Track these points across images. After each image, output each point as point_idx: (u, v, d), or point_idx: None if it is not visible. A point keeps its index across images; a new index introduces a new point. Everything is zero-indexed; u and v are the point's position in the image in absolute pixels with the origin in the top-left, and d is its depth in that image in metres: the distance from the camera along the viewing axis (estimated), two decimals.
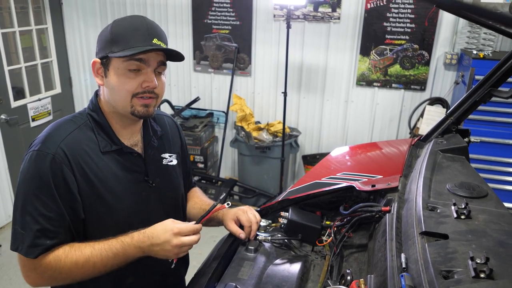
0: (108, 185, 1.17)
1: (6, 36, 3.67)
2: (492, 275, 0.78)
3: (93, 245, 1.13)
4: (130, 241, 1.13)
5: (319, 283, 1.17)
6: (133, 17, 1.15)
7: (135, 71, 1.13)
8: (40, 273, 1.12)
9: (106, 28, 1.16)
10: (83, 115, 1.22)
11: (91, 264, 1.11)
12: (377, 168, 1.81)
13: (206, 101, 4.34)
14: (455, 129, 1.73)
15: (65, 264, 1.10)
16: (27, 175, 1.10)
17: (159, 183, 1.30)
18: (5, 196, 3.72)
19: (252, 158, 3.93)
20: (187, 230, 1.12)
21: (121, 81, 1.13)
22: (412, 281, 0.84)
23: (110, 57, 1.12)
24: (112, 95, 1.17)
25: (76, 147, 1.13)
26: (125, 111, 1.18)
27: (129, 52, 1.09)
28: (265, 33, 3.93)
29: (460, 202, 1.09)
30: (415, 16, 3.48)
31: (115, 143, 1.20)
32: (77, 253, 1.11)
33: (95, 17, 4.38)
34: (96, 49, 1.18)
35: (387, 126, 3.89)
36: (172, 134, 1.42)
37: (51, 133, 1.15)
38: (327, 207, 1.54)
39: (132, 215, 1.24)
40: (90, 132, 1.18)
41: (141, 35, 1.11)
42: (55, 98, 4.25)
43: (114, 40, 1.11)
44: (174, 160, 1.39)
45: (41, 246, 1.09)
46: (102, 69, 1.16)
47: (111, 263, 1.12)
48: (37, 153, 1.10)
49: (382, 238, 1.11)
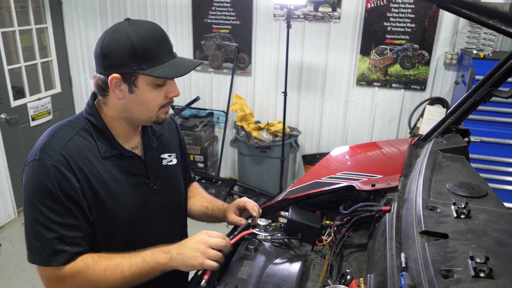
0: (110, 189, 1.16)
1: (6, 36, 3.67)
2: (491, 274, 0.78)
3: (122, 255, 1.13)
4: (159, 248, 1.14)
5: (319, 282, 1.17)
6: (148, 26, 1.10)
7: (161, 85, 1.14)
8: (68, 283, 1.09)
9: (118, 38, 1.07)
10: (80, 119, 1.18)
11: (119, 271, 1.09)
12: (377, 167, 1.81)
13: (206, 101, 4.34)
14: (455, 129, 1.73)
15: (94, 271, 1.09)
16: (31, 186, 1.07)
17: (160, 185, 1.29)
18: (5, 195, 3.72)
19: (252, 158, 3.93)
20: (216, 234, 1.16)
21: (152, 96, 1.13)
22: (412, 281, 0.84)
23: (139, 73, 1.08)
24: (138, 109, 1.15)
25: (77, 153, 1.11)
26: (148, 121, 1.20)
27: (171, 74, 1.09)
28: (265, 33, 3.93)
29: (460, 201, 1.09)
30: (415, 15, 3.48)
31: (115, 148, 1.19)
32: (106, 261, 1.10)
33: (95, 16, 4.38)
34: (104, 61, 1.09)
35: (387, 126, 3.89)
36: (170, 133, 1.41)
37: (49, 140, 1.11)
38: (327, 207, 1.54)
39: (134, 218, 1.23)
40: (89, 137, 1.16)
41: (165, 48, 1.11)
42: (55, 97, 4.25)
43: (142, 56, 1.07)
44: (174, 160, 1.38)
45: (63, 253, 1.07)
46: (124, 85, 1.10)
47: (138, 271, 1.11)
48: (38, 162, 1.07)
49: (382, 237, 1.11)
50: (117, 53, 1.07)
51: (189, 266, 1.12)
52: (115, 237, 1.21)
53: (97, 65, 1.12)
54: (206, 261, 1.10)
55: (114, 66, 1.08)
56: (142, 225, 1.26)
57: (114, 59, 1.08)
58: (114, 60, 1.08)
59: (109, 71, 1.09)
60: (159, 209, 1.31)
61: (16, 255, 3.35)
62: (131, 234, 1.24)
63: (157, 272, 1.13)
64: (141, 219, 1.25)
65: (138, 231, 1.26)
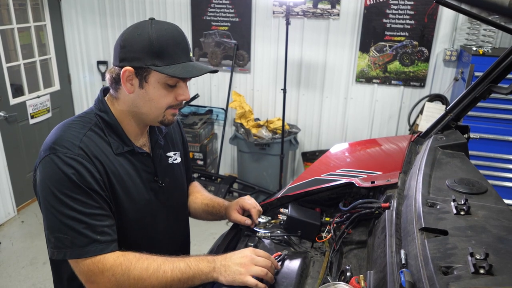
0: (125, 184, 1.17)
1: (5, 33, 3.66)
2: (491, 270, 0.78)
3: (165, 257, 1.11)
4: (203, 257, 1.13)
5: (319, 279, 1.17)
6: (170, 27, 1.12)
7: (172, 86, 1.14)
8: (108, 277, 1.05)
9: (139, 33, 1.08)
10: (91, 115, 1.18)
11: (161, 272, 1.07)
12: (376, 164, 1.82)
13: (205, 98, 4.34)
14: (454, 126, 1.73)
15: (136, 267, 1.06)
16: (51, 181, 1.05)
17: (167, 182, 1.31)
18: (4, 193, 3.72)
19: (252, 155, 3.93)
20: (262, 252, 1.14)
21: (161, 94, 1.13)
22: (412, 277, 0.84)
23: (151, 69, 1.09)
24: (145, 105, 1.15)
25: (94, 147, 1.11)
26: (154, 121, 1.19)
27: (184, 73, 1.09)
28: (264, 30, 3.92)
29: (459, 198, 1.09)
30: (414, 12, 3.48)
31: (126, 144, 1.19)
32: (149, 260, 1.09)
33: (94, 14, 4.37)
34: (121, 53, 1.10)
35: (387, 123, 3.89)
36: (174, 132, 1.43)
37: (63, 135, 1.10)
38: (327, 204, 1.54)
39: (143, 215, 1.24)
40: (102, 133, 1.16)
41: (183, 50, 1.12)
42: (54, 95, 4.25)
43: (157, 53, 1.08)
44: (178, 158, 1.39)
45: (95, 243, 1.05)
46: (134, 78, 1.11)
47: (180, 275, 1.08)
48: (57, 156, 1.06)
49: (382, 234, 1.11)
50: (134, 46, 1.08)
51: (230, 280, 1.08)
52: (125, 233, 1.20)
53: (114, 56, 1.14)
54: (248, 278, 1.06)
55: (129, 59, 1.10)
56: (150, 222, 1.27)
57: (130, 52, 1.09)
58: (130, 52, 1.09)
59: (124, 63, 1.10)
60: (165, 207, 1.31)
61: (15, 253, 3.35)
62: (139, 231, 1.25)
63: (198, 280, 1.10)
64: (149, 216, 1.26)
65: (146, 227, 1.26)
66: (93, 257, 1.05)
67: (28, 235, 3.59)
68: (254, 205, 1.40)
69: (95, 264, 1.05)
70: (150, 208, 1.26)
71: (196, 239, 1.17)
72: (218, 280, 1.09)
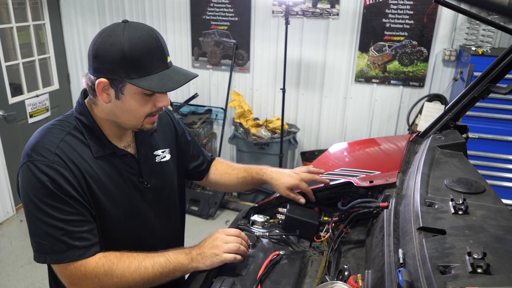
0: (105, 188, 1.16)
1: (4, 32, 3.66)
2: (489, 270, 0.78)
3: (145, 253, 1.14)
4: (181, 250, 1.18)
5: (317, 278, 1.17)
6: (143, 33, 1.06)
7: (149, 95, 1.11)
8: (91, 279, 1.07)
9: (110, 43, 1.03)
10: (70, 118, 1.17)
11: (143, 268, 1.10)
12: (375, 164, 1.82)
13: (204, 98, 4.33)
14: (453, 125, 1.73)
15: (118, 267, 1.09)
16: (30, 188, 1.06)
17: (154, 183, 1.29)
18: (3, 192, 3.72)
19: (251, 155, 3.93)
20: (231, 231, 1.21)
21: (139, 105, 1.11)
22: (409, 277, 0.84)
23: (126, 81, 1.06)
24: (123, 115, 1.13)
25: (71, 152, 1.10)
26: (133, 128, 1.19)
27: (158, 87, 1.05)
28: (263, 29, 3.92)
29: (457, 197, 1.09)
30: (414, 12, 3.48)
31: (107, 147, 1.17)
32: (130, 258, 1.11)
33: (93, 13, 4.36)
34: (94, 63, 1.07)
35: (386, 123, 3.89)
36: (164, 127, 1.39)
37: (41, 141, 1.10)
38: (325, 203, 1.54)
39: (130, 217, 1.23)
40: (81, 137, 1.14)
41: (158, 59, 1.07)
42: (53, 94, 4.24)
43: (130, 65, 1.04)
44: (167, 155, 1.37)
45: (73, 249, 1.06)
46: (112, 90, 1.08)
47: (162, 269, 1.12)
48: (33, 163, 1.06)
49: (380, 233, 1.11)
50: (107, 58, 1.04)
51: (209, 264, 1.14)
52: (113, 235, 1.20)
53: (89, 64, 1.10)
54: (224, 255, 1.13)
55: (103, 70, 1.06)
56: (138, 223, 1.26)
57: (103, 63, 1.05)
58: (103, 64, 1.05)
59: (98, 74, 1.07)
60: (153, 207, 1.30)
61: (14, 252, 3.35)
62: (128, 232, 1.24)
63: (179, 272, 1.15)
64: (136, 217, 1.25)
65: (134, 228, 1.26)
66: (75, 262, 1.06)
67: (27, 234, 3.56)
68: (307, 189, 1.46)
69: (77, 268, 1.07)
70: (136, 209, 1.25)
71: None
72: (199, 269, 1.15)
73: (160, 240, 1.34)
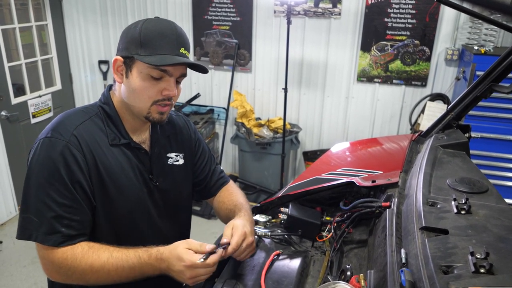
0: (115, 177, 1.17)
1: (6, 33, 3.67)
2: (492, 270, 0.78)
3: (111, 251, 1.11)
4: (147, 259, 1.09)
5: (319, 278, 1.17)
6: (163, 22, 1.13)
7: (156, 79, 1.13)
8: (57, 267, 1.10)
9: (134, 26, 1.13)
10: (94, 106, 1.22)
11: (105, 271, 1.09)
12: (377, 163, 1.81)
13: (206, 98, 4.34)
14: (455, 125, 1.73)
15: (80, 264, 1.09)
16: (38, 162, 1.09)
17: (162, 182, 1.30)
18: (6, 192, 3.72)
19: (253, 155, 3.93)
20: (201, 265, 1.04)
21: (143, 86, 1.13)
22: (412, 276, 0.84)
23: (135, 58, 1.11)
24: (130, 96, 1.16)
25: (88, 136, 1.14)
26: (140, 114, 1.18)
27: (157, 61, 1.08)
28: (265, 29, 3.91)
29: (460, 197, 1.09)
30: (416, 11, 3.47)
31: (123, 137, 1.20)
32: (94, 256, 1.10)
33: (95, 13, 4.37)
34: (119, 45, 1.16)
35: (388, 122, 3.88)
36: (181, 134, 1.40)
37: (62, 121, 1.14)
38: (327, 203, 1.54)
39: (134, 211, 1.24)
40: (101, 124, 1.18)
41: (169, 43, 1.11)
42: (55, 94, 4.25)
43: (142, 43, 1.10)
44: (181, 160, 1.37)
45: (57, 234, 1.08)
46: (124, 68, 1.14)
47: (126, 275, 1.10)
48: (50, 139, 1.09)
49: (382, 233, 1.11)
50: (126, 38, 1.13)
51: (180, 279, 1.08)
52: (117, 226, 1.21)
53: None
54: (197, 282, 1.08)
55: (120, 49, 1.15)
56: (143, 219, 1.27)
57: (122, 42, 1.15)
58: (122, 43, 1.15)
59: (117, 53, 1.16)
60: (158, 206, 1.30)
61: (17, 252, 3.36)
62: (131, 226, 1.24)
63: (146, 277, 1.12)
64: (141, 213, 1.25)
65: (138, 224, 1.26)
66: (49, 247, 1.08)
67: None
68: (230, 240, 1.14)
69: (48, 253, 1.09)
70: (142, 205, 1.25)
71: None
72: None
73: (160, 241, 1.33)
